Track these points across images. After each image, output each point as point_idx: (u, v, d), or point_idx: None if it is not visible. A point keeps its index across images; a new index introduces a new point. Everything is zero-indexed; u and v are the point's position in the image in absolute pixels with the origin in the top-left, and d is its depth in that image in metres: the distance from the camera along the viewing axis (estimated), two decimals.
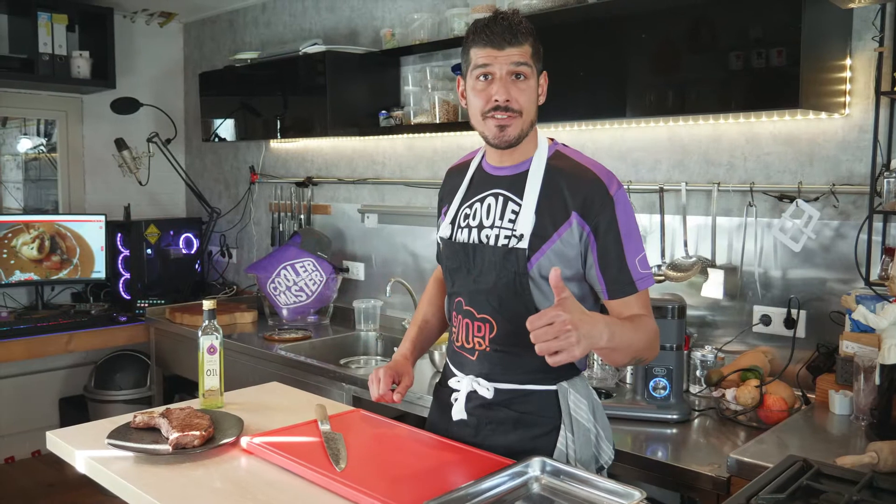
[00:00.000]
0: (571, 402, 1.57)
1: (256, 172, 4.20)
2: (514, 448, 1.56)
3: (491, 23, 1.52)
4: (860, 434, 1.89)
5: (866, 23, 2.11)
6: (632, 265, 1.52)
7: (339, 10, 3.68)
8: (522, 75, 1.52)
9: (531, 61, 1.54)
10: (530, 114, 1.55)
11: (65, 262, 3.96)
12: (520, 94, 1.52)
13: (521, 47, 1.51)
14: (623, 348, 1.44)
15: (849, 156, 2.18)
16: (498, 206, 1.60)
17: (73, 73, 3.93)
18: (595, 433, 1.60)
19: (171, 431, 1.61)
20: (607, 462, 1.63)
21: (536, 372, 1.57)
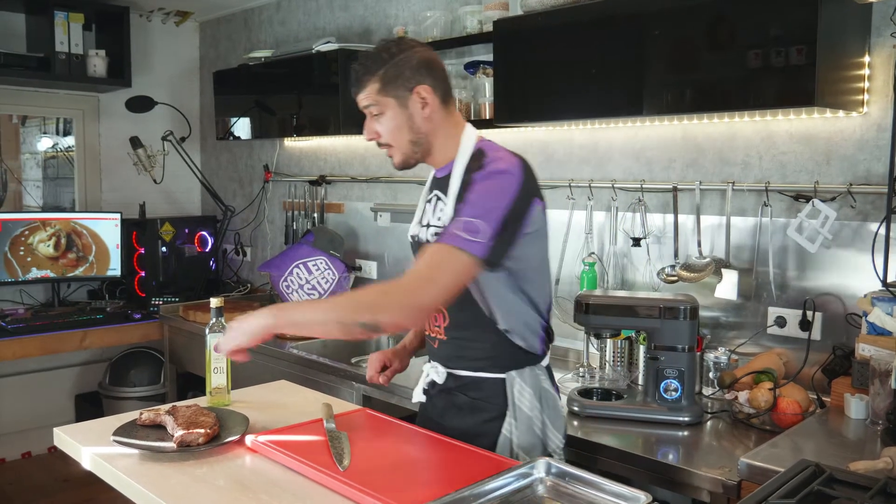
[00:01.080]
0: (516, 391, 1.67)
1: (270, 171, 4.21)
2: (468, 431, 1.69)
3: (351, 71, 1.73)
4: (875, 439, 1.85)
5: (885, 19, 2.07)
6: (455, 221, 1.53)
7: (352, 9, 3.68)
8: (376, 113, 1.69)
9: (378, 97, 1.67)
10: (402, 138, 1.69)
11: (81, 259, 3.99)
12: (380, 127, 1.70)
13: (364, 89, 1.68)
14: (305, 323, 1.55)
15: (867, 155, 2.14)
16: (436, 206, 1.75)
17: (89, 71, 3.96)
18: (541, 421, 1.69)
19: (176, 429, 1.60)
20: (555, 450, 1.72)
21: (485, 359, 1.69)
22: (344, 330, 1.49)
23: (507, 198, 1.55)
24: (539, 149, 2.93)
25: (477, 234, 1.50)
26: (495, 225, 1.52)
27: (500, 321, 1.67)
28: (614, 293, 2.37)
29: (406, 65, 1.67)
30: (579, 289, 2.64)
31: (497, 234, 1.52)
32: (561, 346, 2.82)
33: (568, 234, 2.79)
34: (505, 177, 1.58)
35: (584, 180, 2.73)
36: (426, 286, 1.48)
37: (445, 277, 1.49)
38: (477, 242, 1.49)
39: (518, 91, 2.56)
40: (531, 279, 1.69)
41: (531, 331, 1.71)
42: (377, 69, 1.66)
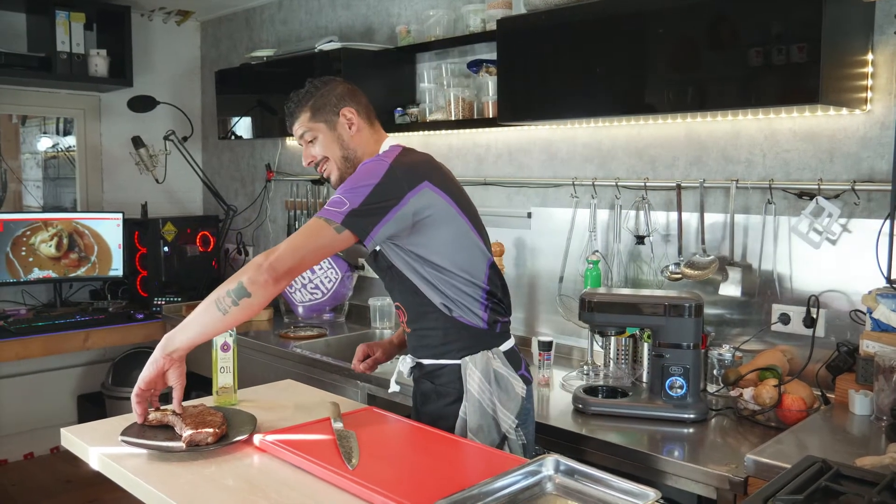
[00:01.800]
0: (468, 375, 1.79)
1: (272, 170, 4.21)
2: (433, 415, 1.84)
3: (284, 110, 1.94)
4: (880, 435, 1.86)
5: (888, 17, 2.07)
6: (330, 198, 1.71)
7: (354, 8, 3.68)
8: (310, 139, 1.90)
9: (309, 125, 1.89)
10: (335, 155, 1.89)
11: (83, 259, 3.99)
12: (314, 149, 1.91)
13: (296, 121, 1.91)
14: (188, 322, 1.65)
15: (870, 152, 2.14)
16: None
17: (90, 71, 3.96)
18: (491, 402, 1.79)
19: (184, 429, 1.61)
20: (509, 429, 1.80)
21: (442, 346, 1.82)
22: (218, 307, 1.60)
23: (373, 178, 1.69)
24: (542, 147, 2.93)
25: (340, 207, 1.66)
26: (359, 199, 1.66)
27: (434, 299, 1.79)
28: (618, 291, 2.37)
29: (331, 93, 1.90)
30: (583, 287, 2.65)
31: (358, 208, 1.65)
32: (565, 345, 2.83)
33: (572, 232, 2.79)
34: (374, 163, 1.74)
35: (588, 178, 2.73)
36: (284, 249, 1.63)
37: (304, 241, 1.65)
38: (336, 212, 1.65)
39: (521, 90, 2.56)
40: (442, 257, 1.77)
41: (470, 300, 1.80)
42: (307, 101, 1.89)
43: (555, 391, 2.43)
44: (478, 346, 1.81)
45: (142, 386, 1.69)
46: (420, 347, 1.87)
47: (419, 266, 1.77)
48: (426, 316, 1.82)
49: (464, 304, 1.79)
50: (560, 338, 2.82)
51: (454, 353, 1.81)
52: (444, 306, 1.79)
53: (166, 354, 1.66)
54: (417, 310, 1.82)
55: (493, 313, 1.84)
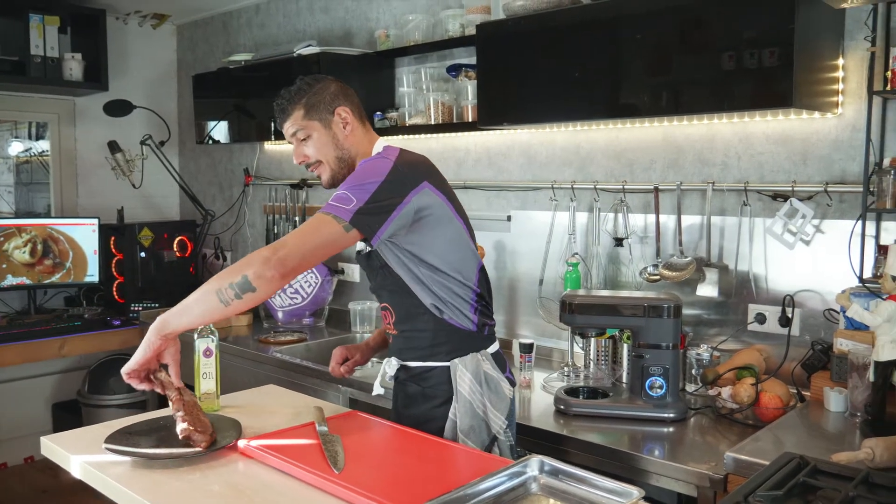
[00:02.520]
0: (458, 376, 1.79)
1: (251, 174, 4.19)
2: (419, 418, 1.82)
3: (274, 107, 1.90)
4: (855, 430, 1.90)
5: (858, 23, 2.12)
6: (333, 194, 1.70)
7: (333, 12, 3.68)
8: (303, 137, 1.86)
9: (304, 122, 1.85)
10: (329, 154, 1.86)
11: (57, 265, 3.95)
12: (308, 149, 1.87)
13: (289, 118, 1.86)
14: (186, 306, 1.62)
15: (842, 155, 2.19)
16: None
17: (65, 75, 3.92)
18: (482, 403, 1.80)
19: (182, 418, 1.60)
20: (499, 430, 1.82)
21: (430, 347, 1.82)
22: (220, 297, 1.57)
23: (378, 176, 1.70)
24: (521, 151, 2.96)
25: (347, 204, 1.65)
26: (365, 196, 1.66)
27: (424, 299, 1.79)
28: (598, 293, 2.40)
29: (325, 91, 1.87)
30: (563, 289, 2.67)
31: (365, 206, 1.65)
32: (545, 346, 2.86)
33: (551, 234, 2.82)
34: (378, 160, 1.75)
35: (567, 182, 2.76)
36: (292, 245, 1.61)
37: (312, 237, 1.63)
38: (344, 209, 1.64)
39: (500, 94, 2.59)
40: (438, 258, 1.78)
41: (461, 301, 1.81)
42: (300, 98, 1.86)
43: (536, 393, 2.45)
44: (467, 348, 1.82)
45: (134, 367, 1.65)
46: (407, 349, 1.86)
47: (414, 266, 1.77)
48: (416, 317, 1.81)
49: (455, 306, 1.80)
50: (540, 340, 2.84)
51: (443, 356, 1.81)
52: (434, 307, 1.79)
53: (162, 335, 1.63)
54: (407, 311, 1.81)
55: (482, 316, 1.86)
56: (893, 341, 1.77)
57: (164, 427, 1.73)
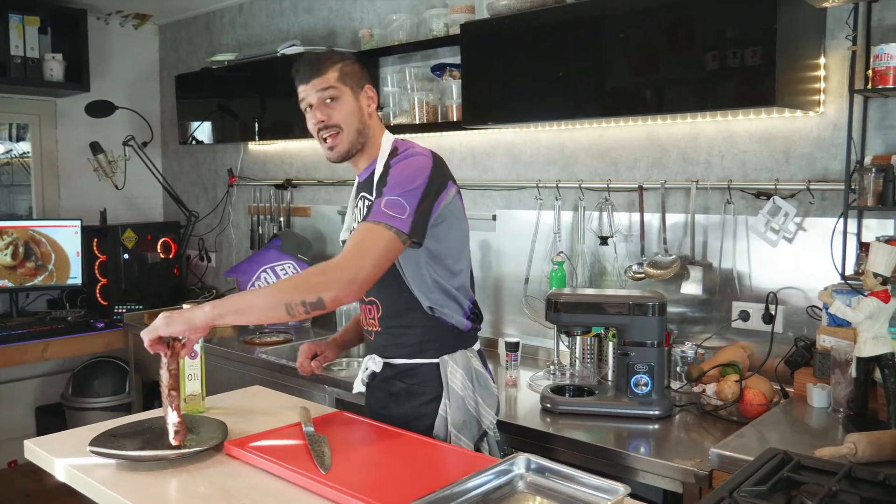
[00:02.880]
0: (449, 373, 1.79)
1: (235, 175, 4.17)
2: (406, 416, 1.80)
3: (299, 61, 1.80)
4: (837, 426, 1.92)
5: (839, 22, 2.14)
6: (378, 201, 1.66)
7: (316, 11, 3.67)
8: (331, 98, 1.75)
9: (338, 84, 1.76)
10: (352, 125, 1.78)
11: (40, 268, 3.91)
12: (333, 112, 1.76)
13: (324, 76, 1.76)
14: (248, 309, 1.57)
15: (824, 153, 2.21)
16: (363, 207, 1.85)
17: (45, 76, 3.89)
18: (474, 400, 1.81)
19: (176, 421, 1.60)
20: (489, 426, 1.83)
21: (419, 345, 1.80)
22: (288, 311, 1.55)
23: (424, 175, 1.69)
24: (506, 150, 2.96)
25: (402, 212, 1.63)
26: (416, 201, 1.65)
27: (422, 300, 1.78)
28: (584, 291, 2.41)
29: (357, 65, 1.84)
30: (548, 288, 2.68)
31: (417, 209, 1.65)
32: (531, 345, 2.86)
33: (536, 233, 2.83)
34: (418, 158, 1.73)
35: (552, 181, 2.77)
36: (361, 261, 1.59)
37: (377, 251, 1.60)
38: (401, 219, 1.63)
39: (485, 93, 2.59)
40: (453, 259, 1.80)
41: (458, 306, 1.83)
42: (335, 61, 1.79)
43: (522, 391, 2.46)
44: (455, 345, 1.82)
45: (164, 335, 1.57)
46: (392, 346, 1.83)
47: (425, 263, 1.74)
48: (406, 314, 1.78)
49: (450, 311, 1.80)
50: (526, 338, 2.85)
51: (431, 353, 1.80)
52: (429, 308, 1.78)
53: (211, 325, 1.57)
54: (397, 306, 1.77)
55: (474, 322, 1.87)
56: (875, 338, 1.78)
57: (148, 429, 1.72)
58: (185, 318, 1.56)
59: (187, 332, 1.58)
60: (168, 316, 1.56)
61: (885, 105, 2.10)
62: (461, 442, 1.77)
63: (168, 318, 1.56)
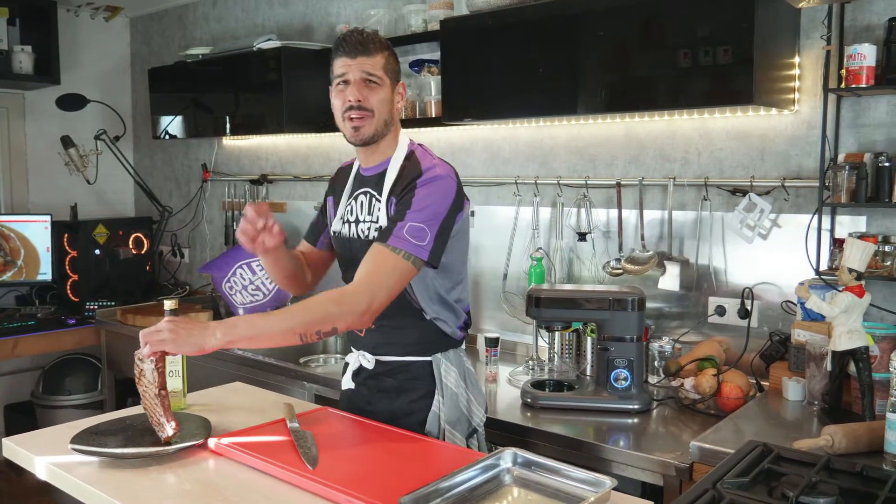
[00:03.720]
0: (443, 371, 1.81)
1: (209, 170, 4.13)
2: (396, 412, 1.81)
3: (347, 36, 1.74)
4: (812, 418, 1.96)
5: (814, 22, 2.18)
6: (401, 224, 1.66)
7: (292, 6, 3.64)
8: (373, 82, 1.74)
9: (381, 72, 1.75)
10: (383, 114, 1.76)
11: (8, 263, 3.83)
12: (371, 95, 1.73)
13: (371, 58, 1.73)
14: (260, 336, 1.56)
15: (798, 151, 2.26)
16: (366, 202, 1.82)
17: (14, 68, 3.81)
18: (466, 398, 1.84)
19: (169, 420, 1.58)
20: (479, 423, 1.87)
21: (413, 345, 1.81)
22: (301, 339, 1.57)
23: (448, 202, 1.71)
24: (484, 146, 2.97)
25: (423, 240, 1.65)
26: (437, 226, 1.68)
27: (427, 312, 1.80)
28: (563, 287, 2.42)
29: (397, 61, 1.82)
30: (527, 283, 2.70)
31: (438, 235, 1.67)
32: (509, 340, 2.88)
33: (515, 230, 2.84)
34: (445, 181, 1.72)
35: (530, 177, 2.79)
36: (376, 291, 1.61)
37: (393, 280, 1.63)
38: (422, 247, 1.65)
39: (465, 89, 2.59)
40: (457, 272, 1.84)
41: (456, 317, 1.86)
42: (384, 48, 1.77)
43: (502, 386, 2.47)
44: (447, 345, 1.85)
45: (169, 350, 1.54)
46: (385, 344, 1.83)
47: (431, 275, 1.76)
48: (403, 315, 1.78)
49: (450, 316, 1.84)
50: (504, 334, 2.86)
51: (425, 352, 1.82)
52: (428, 316, 1.80)
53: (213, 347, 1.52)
54: (393, 309, 1.71)
55: (464, 331, 1.90)
56: (850, 331, 1.83)
57: (130, 426, 1.70)
58: (194, 340, 1.51)
59: (193, 353, 1.54)
60: (175, 331, 1.51)
61: (857, 104, 2.15)
62: (455, 438, 1.79)
63: (176, 334, 1.51)
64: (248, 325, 1.56)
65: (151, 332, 1.53)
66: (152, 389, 1.58)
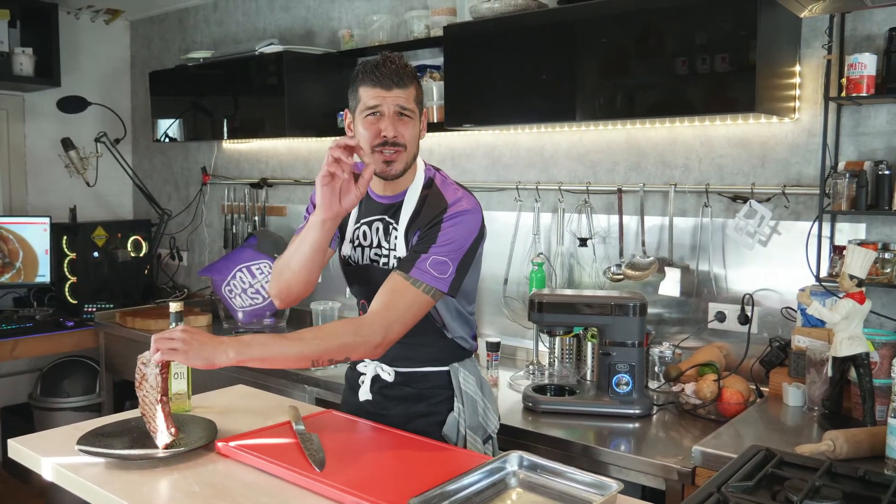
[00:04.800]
0: (462, 378, 1.83)
1: (208, 173, 4.13)
2: (412, 414, 1.82)
3: (380, 65, 1.68)
4: (813, 424, 1.98)
5: (815, 32, 2.20)
6: (424, 257, 1.66)
7: (294, 10, 3.66)
8: (406, 115, 1.70)
9: (414, 105, 1.72)
10: (413, 148, 1.73)
11: (7, 265, 3.83)
12: (405, 129, 1.70)
13: (406, 90, 1.69)
14: (274, 359, 1.56)
15: (798, 158, 2.28)
16: (381, 230, 1.81)
17: (14, 70, 3.81)
18: (483, 405, 1.86)
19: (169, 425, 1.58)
20: (494, 430, 1.90)
21: (431, 359, 1.83)
22: (313, 364, 1.59)
23: (472, 237, 1.72)
24: (486, 152, 2.99)
25: (445, 273, 1.66)
26: (459, 259, 1.69)
27: (449, 331, 1.84)
28: (565, 292, 2.44)
29: (421, 86, 1.79)
30: (528, 289, 2.71)
31: (459, 268, 1.69)
32: (509, 345, 2.89)
33: (516, 235, 2.86)
34: (470, 217, 1.73)
35: (531, 183, 2.80)
36: (392, 324, 1.63)
37: (409, 315, 1.66)
38: (443, 279, 1.67)
39: (467, 95, 2.61)
40: (473, 289, 1.87)
41: (470, 328, 1.91)
42: (415, 79, 1.73)
43: (503, 391, 2.48)
44: (463, 356, 1.88)
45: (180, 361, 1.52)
46: (403, 358, 1.82)
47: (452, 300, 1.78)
48: (422, 334, 1.77)
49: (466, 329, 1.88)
50: (505, 338, 2.87)
51: (443, 363, 1.84)
52: (450, 335, 1.84)
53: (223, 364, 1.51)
54: (417, 325, 1.70)
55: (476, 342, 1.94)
56: (851, 338, 1.84)
57: (136, 428, 1.70)
58: (205, 355, 1.50)
59: (201, 367, 1.52)
60: (189, 342, 1.50)
61: (857, 112, 2.17)
62: (477, 444, 1.82)
63: (188, 345, 1.49)
64: (262, 347, 1.55)
65: (164, 339, 1.51)
66: (153, 395, 1.58)
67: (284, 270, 1.81)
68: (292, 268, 1.79)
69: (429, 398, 1.83)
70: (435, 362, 1.84)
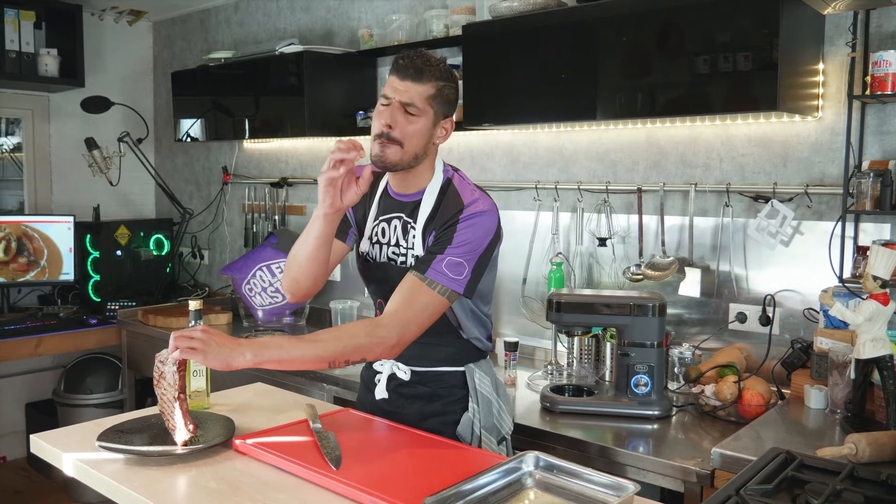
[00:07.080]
0: (477, 379, 1.84)
1: (229, 173, 4.16)
2: (426, 414, 1.82)
3: (407, 57, 1.68)
4: (835, 427, 1.95)
5: (838, 29, 2.17)
6: (440, 258, 1.67)
7: (314, 11, 3.67)
8: (411, 112, 1.67)
9: (424, 103, 1.67)
10: (415, 147, 1.69)
11: (32, 263, 3.88)
12: (406, 125, 1.67)
13: (421, 85, 1.66)
14: (291, 360, 1.57)
15: (821, 157, 2.25)
16: (399, 228, 1.81)
17: (40, 71, 3.86)
18: (497, 406, 1.86)
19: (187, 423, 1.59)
20: (508, 432, 1.90)
21: (447, 359, 1.84)
22: (330, 366, 1.60)
23: (489, 238, 1.72)
24: (505, 151, 2.98)
25: (460, 274, 1.67)
26: (475, 260, 1.69)
27: (465, 332, 1.84)
28: (584, 292, 2.43)
29: (454, 93, 1.75)
30: (546, 288, 2.70)
31: (475, 269, 1.70)
32: (528, 345, 2.88)
33: (535, 234, 2.85)
34: (487, 218, 1.72)
35: (550, 182, 2.79)
36: (408, 325, 1.64)
37: (425, 315, 1.66)
38: (459, 280, 1.67)
39: (486, 94, 2.61)
40: (489, 290, 1.88)
41: (485, 329, 1.91)
42: (439, 78, 1.69)
43: (521, 391, 2.48)
44: (479, 356, 1.89)
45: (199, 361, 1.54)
46: (419, 357, 1.82)
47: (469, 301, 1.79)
48: (438, 334, 1.78)
49: (482, 330, 1.88)
50: (523, 338, 2.86)
51: (459, 363, 1.85)
52: (465, 336, 1.85)
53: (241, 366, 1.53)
54: (434, 328, 1.72)
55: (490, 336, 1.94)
56: (874, 340, 1.81)
57: (155, 425, 1.72)
58: (223, 356, 1.51)
59: (218, 368, 1.53)
60: (208, 342, 1.51)
61: (882, 111, 2.14)
62: (491, 444, 1.82)
63: (207, 345, 1.51)
64: (279, 349, 1.57)
65: (183, 337, 1.53)
66: (171, 392, 1.60)
67: (293, 265, 1.82)
68: (299, 261, 1.79)
69: (443, 397, 1.84)
70: (450, 362, 1.84)
